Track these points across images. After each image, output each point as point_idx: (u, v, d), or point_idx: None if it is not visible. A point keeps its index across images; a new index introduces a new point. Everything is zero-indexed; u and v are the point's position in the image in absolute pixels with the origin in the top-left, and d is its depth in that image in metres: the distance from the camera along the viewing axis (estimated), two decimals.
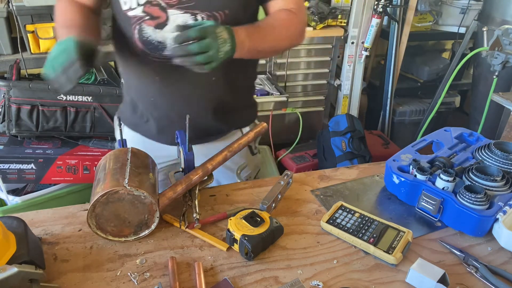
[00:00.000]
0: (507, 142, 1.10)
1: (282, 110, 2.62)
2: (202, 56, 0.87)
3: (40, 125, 1.79)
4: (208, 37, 0.87)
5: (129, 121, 1.22)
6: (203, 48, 0.87)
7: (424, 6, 2.78)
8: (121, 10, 1.00)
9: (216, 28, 0.89)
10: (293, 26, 1.09)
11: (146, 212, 0.87)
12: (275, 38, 1.05)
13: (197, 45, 0.87)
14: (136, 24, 1.01)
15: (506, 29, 1.83)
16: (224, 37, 0.89)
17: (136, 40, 1.03)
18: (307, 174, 1.16)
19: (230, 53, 0.92)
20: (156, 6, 0.98)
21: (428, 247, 0.91)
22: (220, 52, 0.89)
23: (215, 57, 0.88)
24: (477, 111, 2.61)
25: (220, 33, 0.89)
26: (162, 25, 1.00)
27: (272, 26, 1.05)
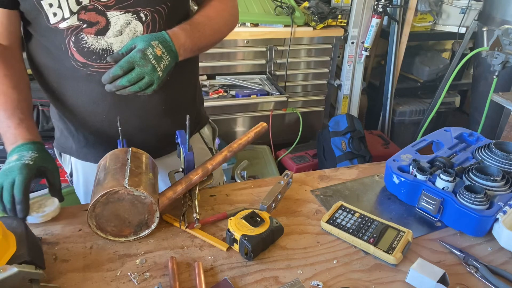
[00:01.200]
0: (507, 142, 1.10)
1: (282, 110, 2.62)
2: (135, 86, 0.86)
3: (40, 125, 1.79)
4: (136, 65, 0.85)
5: (76, 152, 1.12)
6: (134, 79, 0.86)
7: (424, 6, 2.79)
8: (48, 24, 0.89)
9: (146, 48, 0.86)
10: (227, 12, 1.08)
11: (146, 212, 0.87)
12: (213, 29, 1.03)
13: (126, 79, 0.85)
14: (71, 36, 0.90)
15: (506, 29, 1.83)
16: (158, 53, 0.87)
17: (74, 53, 0.92)
18: (307, 174, 1.16)
19: (172, 63, 0.91)
20: (93, 10, 0.89)
21: (428, 247, 0.91)
22: (157, 72, 0.87)
23: (153, 80, 0.87)
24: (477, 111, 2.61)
25: (151, 52, 0.86)
26: (103, 31, 0.91)
27: (209, 18, 1.02)
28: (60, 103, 1.05)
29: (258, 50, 2.48)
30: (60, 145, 1.15)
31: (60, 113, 1.08)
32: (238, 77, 2.49)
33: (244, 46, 2.44)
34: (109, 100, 1.00)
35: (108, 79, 0.85)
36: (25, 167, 0.81)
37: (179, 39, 0.92)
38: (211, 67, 2.44)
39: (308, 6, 2.51)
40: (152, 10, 0.93)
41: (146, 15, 0.93)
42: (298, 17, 2.43)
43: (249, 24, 2.36)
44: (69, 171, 1.19)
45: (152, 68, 0.86)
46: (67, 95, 1.02)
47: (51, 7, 0.87)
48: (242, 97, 2.33)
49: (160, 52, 0.87)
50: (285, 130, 2.73)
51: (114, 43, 0.92)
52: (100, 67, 0.94)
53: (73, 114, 1.04)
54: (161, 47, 0.88)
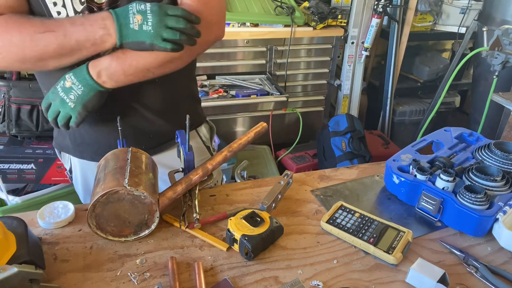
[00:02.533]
0: (507, 142, 1.10)
1: (282, 110, 2.62)
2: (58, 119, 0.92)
3: (40, 125, 1.79)
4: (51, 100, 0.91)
5: (73, 150, 1.13)
6: (52, 114, 0.92)
7: (424, 6, 2.79)
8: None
9: (58, 83, 0.90)
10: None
11: (146, 212, 0.87)
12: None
13: (49, 116, 0.93)
14: None
15: (506, 29, 1.83)
16: (67, 85, 0.89)
17: None
18: (307, 174, 1.16)
19: (88, 91, 0.90)
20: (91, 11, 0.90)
21: (428, 247, 0.91)
22: (67, 103, 0.90)
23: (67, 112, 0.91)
24: (477, 111, 2.61)
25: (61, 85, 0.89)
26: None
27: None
28: None
29: (258, 50, 2.48)
30: (58, 143, 1.17)
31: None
32: (238, 77, 2.49)
33: (244, 46, 2.44)
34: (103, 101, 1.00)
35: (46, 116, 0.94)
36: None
37: (98, 65, 0.88)
38: (211, 67, 2.44)
39: (308, 6, 2.51)
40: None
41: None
42: (298, 17, 2.43)
43: (249, 24, 2.36)
44: (68, 167, 1.20)
45: (61, 101, 0.90)
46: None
47: (55, 6, 0.88)
48: (242, 97, 2.33)
49: (70, 83, 0.89)
50: (285, 130, 2.73)
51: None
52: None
53: None
54: (72, 78, 0.89)
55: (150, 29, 0.83)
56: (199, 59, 2.33)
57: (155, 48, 0.85)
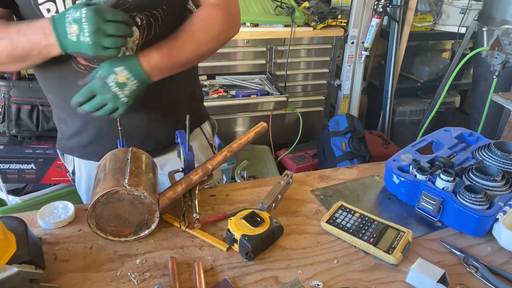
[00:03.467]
0: (507, 142, 1.10)
1: (282, 110, 2.62)
2: (100, 111, 0.88)
3: (40, 125, 1.79)
4: (97, 94, 0.87)
5: (78, 151, 1.13)
6: (96, 106, 0.88)
7: (424, 6, 2.79)
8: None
9: (107, 77, 0.86)
10: (216, 22, 0.99)
11: (146, 212, 0.87)
12: (197, 44, 0.97)
13: (88, 106, 0.88)
14: None
15: (506, 29, 1.83)
16: (121, 80, 0.87)
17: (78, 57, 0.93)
18: (307, 174, 1.16)
19: (141, 86, 0.90)
20: None
21: (428, 247, 0.91)
22: (121, 98, 0.88)
23: (117, 106, 0.88)
24: (477, 111, 2.61)
25: (113, 79, 0.86)
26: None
27: (191, 32, 0.97)
28: (62, 105, 1.05)
29: (258, 50, 2.48)
30: (62, 146, 1.17)
31: (62, 115, 1.09)
32: (238, 77, 2.49)
33: (244, 46, 2.44)
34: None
35: (74, 104, 0.88)
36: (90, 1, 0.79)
37: (150, 60, 0.90)
38: (211, 67, 2.44)
39: (308, 6, 2.51)
40: (147, 14, 0.92)
41: (142, 19, 0.92)
42: (298, 17, 2.43)
43: (249, 24, 2.36)
44: (71, 169, 1.19)
45: (113, 96, 0.87)
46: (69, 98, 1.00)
47: (49, 12, 0.87)
48: (242, 97, 2.33)
49: (124, 78, 0.87)
50: (285, 130, 2.73)
51: None
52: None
53: (75, 115, 1.04)
54: (125, 73, 0.87)
55: (88, 40, 0.78)
56: None
57: (99, 57, 0.82)
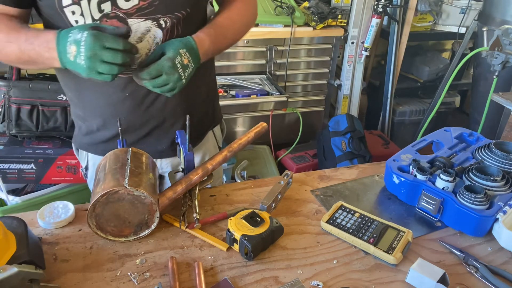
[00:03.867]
0: (507, 142, 1.10)
1: (282, 110, 2.62)
2: (158, 90, 0.90)
3: (40, 125, 1.79)
4: (164, 73, 0.88)
5: (93, 148, 1.13)
6: (158, 85, 0.89)
7: (424, 6, 2.79)
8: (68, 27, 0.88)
9: (175, 57, 0.88)
10: (249, 12, 1.09)
11: (146, 212, 0.87)
12: (235, 31, 1.06)
13: (151, 84, 0.89)
14: None
15: (506, 29, 1.83)
16: (185, 62, 0.90)
17: None
18: (307, 174, 1.16)
19: (195, 69, 0.93)
20: (114, 18, 0.90)
21: (428, 247, 0.91)
22: (182, 80, 0.90)
23: (176, 86, 0.90)
24: (477, 111, 2.61)
25: (179, 61, 0.88)
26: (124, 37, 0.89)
27: (231, 21, 1.04)
28: (81, 104, 1.07)
29: (258, 50, 2.48)
30: (77, 141, 1.18)
31: (80, 112, 1.10)
32: (238, 77, 2.49)
33: (244, 46, 2.44)
34: (128, 104, 1.02)
35: (135, 77, 0.90)
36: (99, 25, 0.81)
37: (203, 46, 0.94)
38: None
39: (308, 6, 2.51)
40: (171, 16, 0.94)
41: (166, 22, 0.94)
42: (298, 17, 2.42)
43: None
44: (84, 165, 1.20)
45: (178, 77, 0.89)
46: (87, 97, 1.04)
47: (74, 15, 0.88)
48: (242, 97, 2.33)
49: (187, 60, 0.90)
50: (285, 130, 2.73)
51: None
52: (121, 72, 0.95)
53: (93, 115, 1.06)
54: (188, 56, 0.90)
55: (83, 63, 0.80)
56: None
57: (93, 80, 0.84)
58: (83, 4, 0.87)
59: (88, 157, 1.17)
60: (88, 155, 1.16)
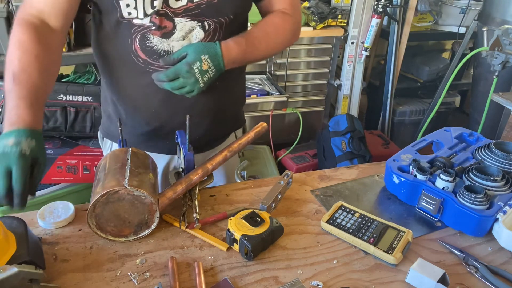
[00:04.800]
0: (507, 142, 1.10)
1: (282, 110, 2.62)
2: (177, 91, 0.95)
3: None
4: (181, 76, 0.93)
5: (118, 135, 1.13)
6: (176, 87, 0.94)
7: (424, 6, 2.79)
8: (120, 18, 0.94)
9: (194, 62, 0.92)
10: (287, 29, 1.08)
11: (146, 212, 0.87)
12: (268, 45, 1.06)
13: (169, 86, 0.95)
14: (138, 33, 0.96)
15: (506, 29, 1.83)
16: (204, 67, 0.93)
17: (137, 50, 0.98)
18: (307, 174, 1.16)
19: (217, 75, 0.96)
20: (163, 15, 0.94)
21: (428, 247, 0.91)
22: (199, 84, 0.94)
23: (194, 89, 0.95)
24: (477, 111, 2.61)
25: (198, 66, 0.92)
26: (169, 34, 0.96)
27: (265, 33, 1.05)
28: (115, 90, 1.10)
29: None
30: (104, 129, 1.19)
31: (113, 98, 1.12)
32: None
33: None
34: (160, 97, 1.05)
35: (155, 79, 0.96)
36: (22, 157, 0.77)
37: (230, 54, 0.97)
38: None
39: (308, 6, 2.51)
40: (215, 20, 0.98)
41: (210, 25, 0.98)
42: None
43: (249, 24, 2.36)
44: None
45: (195, 81, 0.94)
46: (123, 84, 1.07)
47: (128, 7, 0.92)
48: None
49: (207, 66, 0.94)
50: (285, 130, 2.73)
51: (175, 47, 0.98)
52: (159, 66, 0.99)
53: (126, 102, 1.09)
54: (209, 62, 0.94)
55: None
56: None
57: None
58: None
59: (111, 147, 1.19)
60: (112, 144, 1.18)
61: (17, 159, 0.76)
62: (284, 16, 1.07)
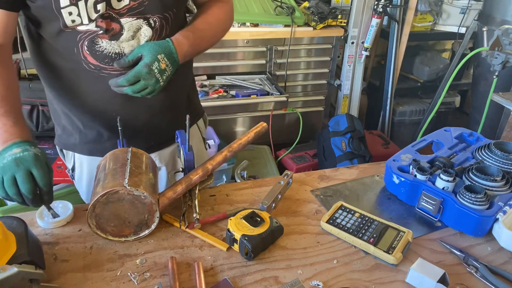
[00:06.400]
0: (507, 142, 1.10)
1: (282, 110, 2.62)
2: (138, 94, 0.93)
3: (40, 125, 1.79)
4: (142, 79, 0.92)
5: (80, 147, 1.13)
6: (138, 90, 0.93)
7: (424, 6, 2.79)
8: (63, 27, 0.91)
9: (152, 63, 0.91)
10: (225, 17, 1.13)
11: (146, 212, 0.87)
12: (212, 34, 1.10)
13: (130, 89, 0.93)
14: (85, 40, 0.93)
15: (506, 29, 1.83)
16: (163, 67, 0.93)
17: (87, 56, 0.96)
18: (307, 174, 1.16)
19: (173, 71, 0.97)
20: (108, 18, 0.92)
21: (428, 247, 0.91)
22: (160, 83, 0.94)
23: (155, 89, 0.94)
24: (477, 111, 2.61)
25: (157, 66, 0.92)
26: (117, 36, 0.95)
27: (209, 24, 1.08)
28: (67, 101, 1.07)
29: (258, 50, 2.48)
30: (62, 141, 1.17)
31: (65, 110, 1.09)
32: (238, 77, 2.49)
33: (244, 46, 2.44)
34: (118, 101, 1.03)
35: (114, 85, 0.93)
36: (38, 158, 0.79)
37: (182, 49, 0.97)
38: (211, 67, 2.44)
39: (308, 6, 2.51)
40: (160, 16, 0.98)
41: (155, 21, 0.98)
42: (298, 17, 2.42)
43: (249, 24, 2.36)
44: (70, 166, 1.19)
45: (156, 81, 0.93)
46: (76, 94, 1.04)
47: (71, 15, 0.89)
48: (242, 97, 2.33)
49: (165, 65, 0.94)
50: (285, 130, 2.73)
51: (126, 47, 0.97)
52: (112, 69, 0.98)
53: (82, 111, 1.07)
54: (166, 60, 0.94)
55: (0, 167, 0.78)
56: (200, 59, 2.33)
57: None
58: (81, 4, 0.88)
59: (74, 157, 1.16)
60: (75, 155, 1.16)
61: (35, 160, 0.79)
62: (221, 4, 1.12)
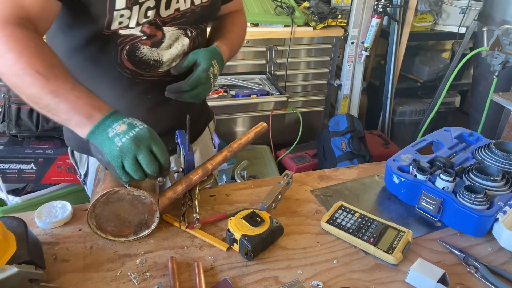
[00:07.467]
0: (507, 142, 1.10)
1: (282, 110, 2.62)
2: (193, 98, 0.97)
3: (40, 125, 1.79)
4: (200, 85, 0.95)
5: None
6: (194, 95, 0.96)
7: (424, 6, 2.79)
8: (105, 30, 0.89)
9: (209, 68, 0.97)
10: (244, 26, 1.22)
11: (146, 212, 0.87)
12: (239, 43, 1.18)
13: (189, 95, 0.96)
14: (126, 44, 0.93)
15: (506, 29, 1.83)
16: (215, 71, 0.99)
17: (124, 61, 0.95)
18: (307, 174, 1.16)
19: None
20: (153, 25, 0.94)
21: (428, 247, 0.91)
22: (212, 88, 0.99)
23: (206, 94, 1.01)
24: (477, 111, 2.61)
25: (212, 72, 0.98)
26: (158, 43, 0.96)
27: (236, 32, 1.16)
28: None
29: (258, 50, 2.48)
30: (77, 144, 1.11)
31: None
32: (238, 77, 2.49)
33: (244, 46, 2.44)
34: (147, 106, 1.05)
35: (174, 90, 0.95)
36: (151, 131, 0.78)
37: (225, 55, 1.05)
38: None
39: (308, 6, 2.51)
40: (196, 27, 1.03)
41: (191, 32, 1.02)
42: (298, 17, 2.43)
43: (249, 24, 2.36)
44: (83, 171, 1.15)
45: (211, 86, 0.99)
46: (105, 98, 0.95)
47: (121, 17, 0.89)
48: (242, 97, 2.33)
49: (217, 70, 1.00)
50: (285, 130, 2.73)
51: (164, 55, 0.99)
52: (148, 75, 1.00)
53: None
54: (217, 66, 1.00)
55: (116, 151, 0.75)
56: None
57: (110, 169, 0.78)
58: (134, 9, 0.89)
59: (89, 162, 1.12)
60: (89, 159, 1.12)
61: (153, 135, 0.79)
62: (239, 15, 1.20)
